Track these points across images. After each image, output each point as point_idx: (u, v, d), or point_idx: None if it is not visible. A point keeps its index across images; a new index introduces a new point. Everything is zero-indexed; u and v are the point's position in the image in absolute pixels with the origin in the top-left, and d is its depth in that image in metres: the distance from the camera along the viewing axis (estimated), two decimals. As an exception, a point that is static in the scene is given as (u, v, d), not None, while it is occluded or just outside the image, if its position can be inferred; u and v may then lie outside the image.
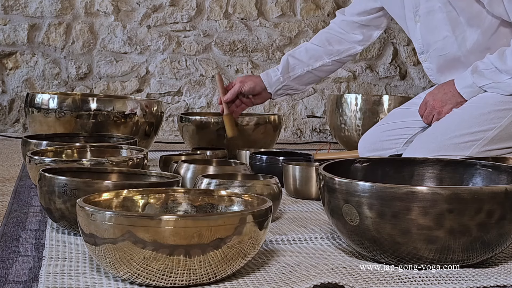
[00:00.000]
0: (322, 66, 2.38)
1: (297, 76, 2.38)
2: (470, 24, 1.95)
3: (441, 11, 1.97)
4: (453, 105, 1.95)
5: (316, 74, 2.40)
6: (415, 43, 2.12)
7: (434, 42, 2.04)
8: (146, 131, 2.56)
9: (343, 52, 2.37)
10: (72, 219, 1.33)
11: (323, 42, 2.38)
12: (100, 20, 3.69)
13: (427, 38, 2.05)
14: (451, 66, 2.04)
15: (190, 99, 3.79)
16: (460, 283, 1.11)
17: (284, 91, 2.42)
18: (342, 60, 2.39)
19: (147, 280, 1.05)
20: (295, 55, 2.39)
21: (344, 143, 3.04)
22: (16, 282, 1.08)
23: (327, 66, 2.39)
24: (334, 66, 2.41)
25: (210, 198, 1.29)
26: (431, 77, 2.14)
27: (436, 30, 2.01)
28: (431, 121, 2.01)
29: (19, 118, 3.65)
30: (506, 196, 1.13)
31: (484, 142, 1.89)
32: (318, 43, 2.38)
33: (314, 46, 2.38)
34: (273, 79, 2.38)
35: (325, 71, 2.42)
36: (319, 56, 2.37)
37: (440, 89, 1.99)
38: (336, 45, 2.37)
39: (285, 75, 2.37)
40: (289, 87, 2.41)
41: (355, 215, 1.17)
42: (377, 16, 2.31)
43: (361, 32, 2.35)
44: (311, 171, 1.90)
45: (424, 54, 2.10)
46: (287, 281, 1.09)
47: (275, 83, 2.38)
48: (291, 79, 2.38)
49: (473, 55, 1.97)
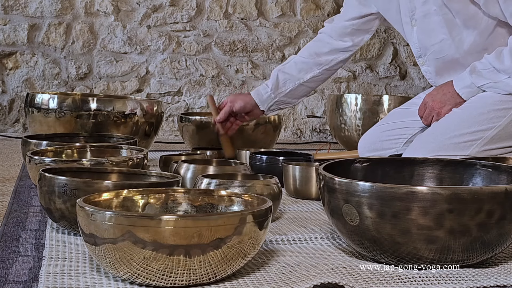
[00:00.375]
0: (313, 78, 2.36)
1: (289, 91, 2.35)
2: (467, 26, 1.95)
3: (437, 14, 1.97)
4: (452, 106, 1.95)
5: (308, 86, 2.38)
6: (412, 47, 2.12)
7: (431, 45, 2.04)
8: (146, 131, 2.56)
9: (332, 61, 2.35)
10: (72, 219, 1.33)
11: (311, 55, 2.35)
12: (100, 20, 3.69)
13: (424, 42, 2.05)
14: (450, 68, 2.04)
15: (190, 99, 3.79)
16: (460, 283, 1.11)
17: (277, 106, 2.40)
18: (333, 68, 2.37)
19: (147, 280, 1.05)
20: (285, 70, 2.36)
21: (344, 143, 3.04)
22: (16, 282, 1.08)
23: (318, 76, 2.36)
24: (325, 75, 2.39)
25: (210, 198, 1.29)
26: (430, 80, 2.14)
27: (432, 33, 2.01)
28: (430, 122, 2.01)
29: (19, 118, 3.65)
30: (506, 196, 1.13)
31: (484, 141, 1.89)
32: (307, 56, 2.35)
33: (302, 59, 2.35)
34: (264, 96, 2.35)
35: (317, 81, 2.39)
36: (308, 68, 2.35)
37: (439, 90, 1.99)
38: (325, 55, 2.34)
39: (275, 91, 2.34)
40: (281, 102, 2.38)
41: (355, 215, 1.17)
42: (369, 19, 2.29)
43: (350, 38, 2.32)
44: (311, 171, 1.90)
45: (422, 58, 2.10)
46: (287, 281, 1.09)
47: (267, 100, 2.35)
48: (283, 94, 2.36)
49: (471, 56, 1.97)
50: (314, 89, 2.44)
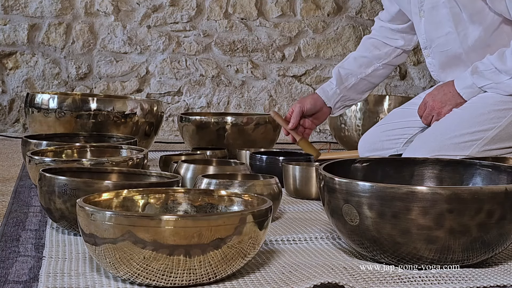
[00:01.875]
0: (374, 72, 2.34)
1: (352, 85, 2.32)
2: (473, 21, 1.95)
3: (444, 7, 1.97)
4: (453, 106, 1.95)
5: (370, 81, 2.35)
6: (419, 38, 2.13)
7: (437, 37, 2.04)
8: (146, 131, 2.56)
9: (391, 54, 2.34)
10: (72, 219, 1.33)
11: (369, 49, 2.34)
12: (100, 20, 3.69)
13: (431, 34, 2.06)
14: (452, 63, 2.05)
15: (190, 99, 3.79)
16: (460, 283, 1.11)
17: (342, 103, 2.36)
18: (392, 62, 2.36)
19: (147, 280, 1.05)
20: (345, 66, 2.34)
21: (344, 143, 3.04)
22: (16, 282, 1.08)
23: (379, 70, 2.34)
24: (386, 69, 2.37)
25: (210, 198, 1.29)
26: (433, 73, 2.15)
27: (439, 26, 2.02)
28: (430, 121, 2.01)
29: (19, 118, 3.65)
30: (506, 196, 1.13)
31: (484, 142, 1.89)
32: (365, 51, 2.35)
33: (361, 54, 2.35)
34: (329, 92, 2.31)
35: (379, 76, 2.37)
36: (369, 62, 2.33)
37: (440, 89, 1.99)
38: (383, 48, 2.33)
39: (340, 86, 2.30)
40: (346, 98, 2.35)
41: (355, 215, 1.17)
42: (408, 23, 2.28)
43: (401, 36, 2.32)
44: (311, 171, 1.90)
45: (427, 50, 2.10)
46: (287, 281, 1.09)
47: (333, 96, 2.31)
48: (347, 89, 2.32)
49: (474, 52, 1.97)
50: (376, 84, 2.41)
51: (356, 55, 2.36)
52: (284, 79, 3.85)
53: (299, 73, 3.86)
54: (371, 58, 2.34)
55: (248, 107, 3.82)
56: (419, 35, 2.12)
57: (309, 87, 3.87)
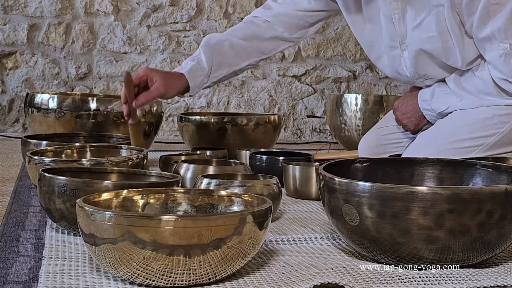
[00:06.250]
0: (247, 66, 2.12)
1: (223, 76, 2.08)
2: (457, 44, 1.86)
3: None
4: (416, 121, 1.98)
5: (237, 73, 2.13)
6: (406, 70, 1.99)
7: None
8: (146, 131, 2.55)
9: (272, 50, 2.13)
10: (72, 219, 1.33)
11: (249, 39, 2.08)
12: (100, 20, 3.69)
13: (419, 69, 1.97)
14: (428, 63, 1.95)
15: (190, 99, 3.79)
16: (460, 283, 1.11)
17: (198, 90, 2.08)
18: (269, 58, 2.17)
19: (147, 280, 1.05)
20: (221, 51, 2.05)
21: (344, 143, 3.04)
22: (16, 282, 1.08)
23: (253, 65, 2.13)
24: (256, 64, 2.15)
25: (210, 198, 1.28)
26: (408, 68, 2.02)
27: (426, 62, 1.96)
28: (407, 130, 2.03)
29: (18, 118, 3.65)
30: (506, 196, 1.13)
31: (485, 147, 1.85)
32: (245, 39, 2.08)
33: (241, 43, 2.08)
34: (197, 80, 2.04)
35: (247, 69, 2.18)
36: (247, 55, 2.09)
37: (405, 99, 2.01)
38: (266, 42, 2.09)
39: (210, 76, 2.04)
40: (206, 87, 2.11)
41: (355, 215, 1.17)
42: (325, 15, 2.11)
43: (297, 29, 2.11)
44: (311, 171, 1.90)
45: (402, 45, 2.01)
46: (287, 281, 1.09)
47: (199, 85, 2.05)
48: (214, 80, 2.07)
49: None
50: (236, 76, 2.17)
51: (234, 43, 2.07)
52: (284, 79, 3.85)
53: (299, 73, 3.86)
54: (250, 50, 2.09)
55: (248, 107, 3.82)
56: (403, 68, 1.97)
57: (309, 87, 3.87)
